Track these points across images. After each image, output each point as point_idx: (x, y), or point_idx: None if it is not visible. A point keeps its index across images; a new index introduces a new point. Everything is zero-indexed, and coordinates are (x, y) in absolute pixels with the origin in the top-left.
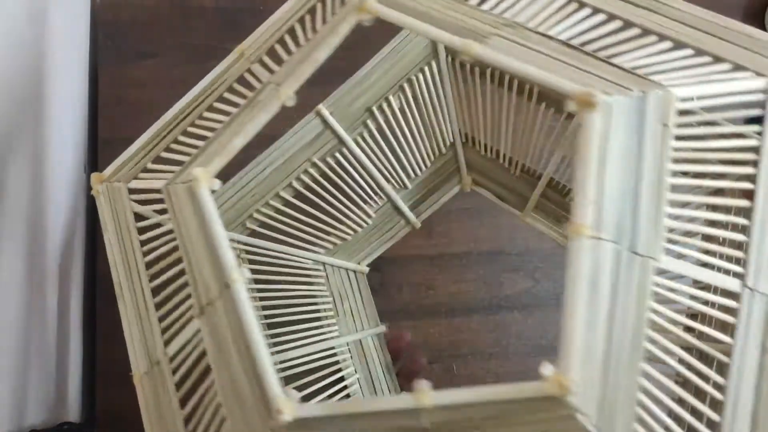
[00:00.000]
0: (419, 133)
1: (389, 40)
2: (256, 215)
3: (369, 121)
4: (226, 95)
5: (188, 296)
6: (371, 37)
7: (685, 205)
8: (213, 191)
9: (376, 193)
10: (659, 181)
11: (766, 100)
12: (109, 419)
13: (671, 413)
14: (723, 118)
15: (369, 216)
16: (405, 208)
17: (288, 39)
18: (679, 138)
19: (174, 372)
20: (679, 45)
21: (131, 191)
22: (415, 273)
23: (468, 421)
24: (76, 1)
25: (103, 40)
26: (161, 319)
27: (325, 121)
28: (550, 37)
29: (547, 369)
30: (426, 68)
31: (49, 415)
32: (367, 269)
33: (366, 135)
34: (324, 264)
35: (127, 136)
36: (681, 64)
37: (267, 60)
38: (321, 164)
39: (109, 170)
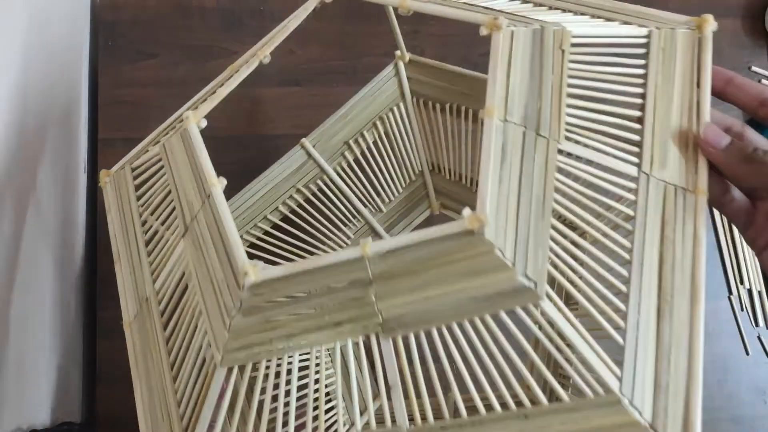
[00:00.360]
0: (391, 163)
1: (380, 44)
2: (246, 236)
3: (347, 153)
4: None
5: (174, 231)
6: (367, 41)
7: (587, 110)
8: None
9: (354, 217)
10: (560, 87)
11: (647, 42)
12: (109, 419)
13: (583, 264)
14: (614, 53)
15: (348, 237)
16: (381, 230)
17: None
18: (575, 62)
19: (159, 302)
20: (578, 14)
21: (134, 169)
22: None
23: (405, 267)
24: (76, 1)
25: (103, 40)
26: (151, 264)
27: (308, 153)
28: (472, 5)
29: (466, 211)
30: (395, 108)
31: (49, 415)
32: None
33: (344, 165)
34: None
35: (127, 136)
36: (579, 20)
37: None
38: (305, 190)
39: (116, 167)
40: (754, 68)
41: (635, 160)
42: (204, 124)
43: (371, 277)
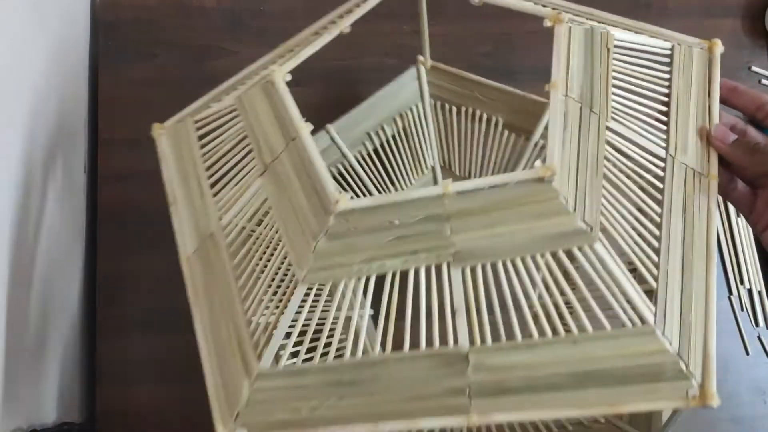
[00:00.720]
0: (407, 156)
1: (380, 44)
2: None
3: (367, 143)
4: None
5: (247, 173)
6: (367, 41)
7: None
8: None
9: None
10: (607, 78)
11: (671, 53)
12: (109, 419)
13: (625, 218)
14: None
15: None
16: None
17: None
18: (616, 60)
19: (227, 235)
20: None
21: (197, 121)
22: None
23: (479, 206)
24: (76, 1)
25: (103, 40)
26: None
27: (332, 138)
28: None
29: (538, 162)
30: (414, 107)
31: (49, 415)
32: None
33: (364, 153)
34: None
35: (127, 136)
36: (614, 30)
37: None
38: None
39: (171, 121)
40: (754, 68)
41: (664, 144)
42: (289, 78)
43: (449, 213)
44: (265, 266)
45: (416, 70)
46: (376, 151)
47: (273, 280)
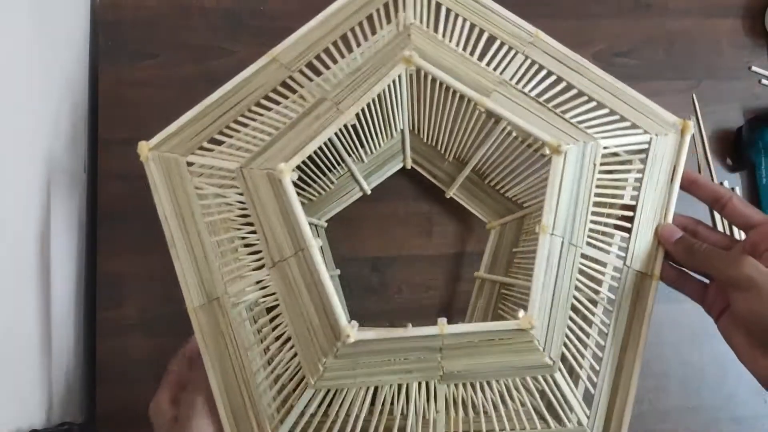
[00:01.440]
0: (378, 120)
1: None
2: None
3: None
4: (271, 94)
5: (253, 253)
6: None
7: (599, 214)
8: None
9: (339, 164)
10: (589, 198)
11: (647, 148)
12: (109, 419)
13: (581, 340)
14: (625, 159)
15: (332, 182)
16: (360, 178)
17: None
18: (601, 171)
19: (235, 305)
20: (599, 105)
21: (189, 164)
22: (415, 273)
23: (467, 343)
24: (76, 1)
25: (103, 40)
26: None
27: None
28: (526, 94)
29: (521, 314)
30: None
31: (49, 415)
32: (325, 224)
33: None
34: None
35: (127, 136)
36: (602, 120)
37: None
38: None
39: (154, 141)
40: (754, 68)
41: (623, 254)
42: (295, 176)
43: (441, 346)
44: (278, 352)
45: None
46: None
47: (286, 369)
